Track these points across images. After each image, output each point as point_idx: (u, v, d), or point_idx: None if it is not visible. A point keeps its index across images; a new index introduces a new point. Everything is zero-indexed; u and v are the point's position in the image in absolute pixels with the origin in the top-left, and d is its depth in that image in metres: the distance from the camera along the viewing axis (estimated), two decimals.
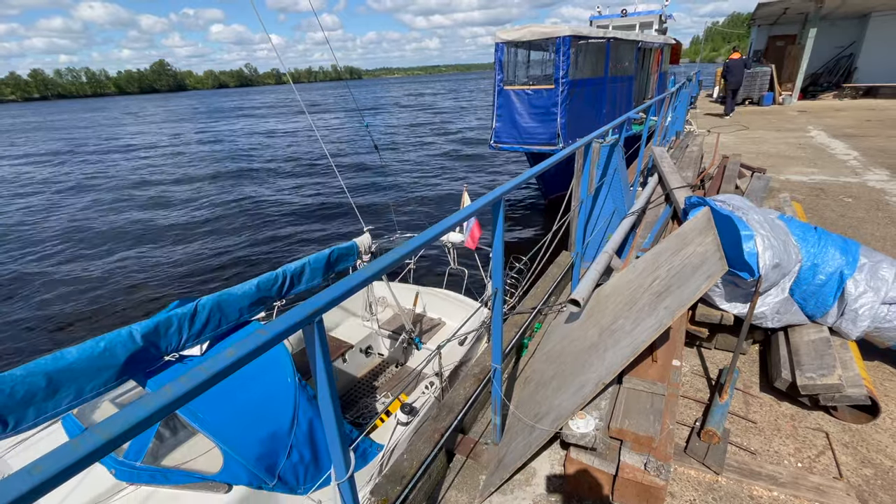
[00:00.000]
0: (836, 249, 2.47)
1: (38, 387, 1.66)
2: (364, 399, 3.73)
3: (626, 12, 15.92)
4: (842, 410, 2.17)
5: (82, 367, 1.77)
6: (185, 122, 43.49)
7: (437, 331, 4.19)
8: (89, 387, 1.80)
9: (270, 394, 2.32)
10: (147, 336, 2.01)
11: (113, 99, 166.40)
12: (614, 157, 3.93)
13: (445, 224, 1.29)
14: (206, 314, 2.25)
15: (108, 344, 1.88)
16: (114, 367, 1.88)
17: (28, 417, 1.65)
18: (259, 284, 2.53)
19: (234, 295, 2.40)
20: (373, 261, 0.99)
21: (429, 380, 3.25)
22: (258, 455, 2.16)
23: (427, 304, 4.45)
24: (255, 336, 0.78)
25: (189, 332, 2.19)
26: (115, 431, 0.56)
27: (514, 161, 16.48)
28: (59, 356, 1.75)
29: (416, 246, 1.14)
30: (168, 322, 2.11)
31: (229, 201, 13.70)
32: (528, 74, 9.45)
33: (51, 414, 1.71)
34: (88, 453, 0.54)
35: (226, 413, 2.18)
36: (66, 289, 8.25)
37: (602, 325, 2.44)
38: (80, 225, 12.00)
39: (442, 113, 37.17)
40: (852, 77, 16.31)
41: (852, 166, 6.83)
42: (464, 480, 2.03)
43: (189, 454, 2.49)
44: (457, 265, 4.22)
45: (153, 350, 2.05)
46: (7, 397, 1.59)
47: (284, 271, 2.69)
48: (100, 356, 1.83)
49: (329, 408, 1.00)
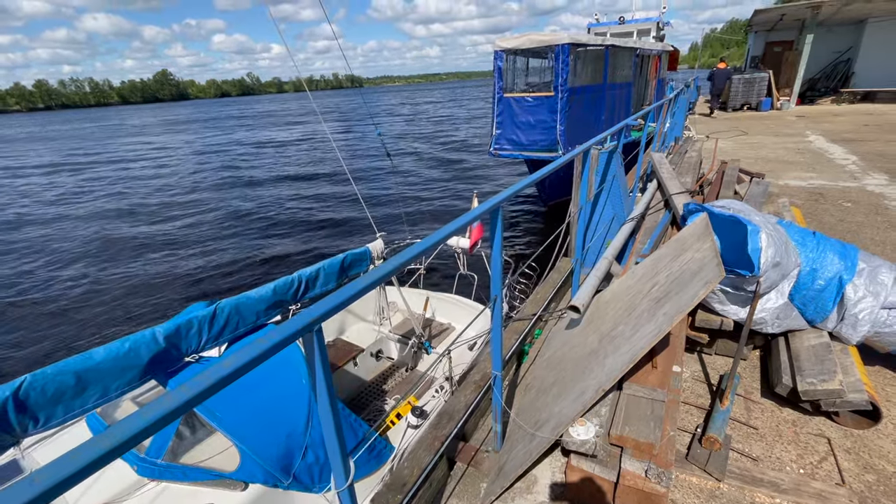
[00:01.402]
0: (834, 254, 2.48)
1: (68, 385, 1.73)
2: (375, 402, 3.78)
3: (624, 20, 16.06)
4: (843, 416, 2.17)
5: (109, 366, 1.85)
6: (200, 131, 43.79)
7: (447, 335, 4.23)
8: (115, 385, 1.88)
9: (286, 395, 2.37)
10: (169, 337, 2.09)
11: (117, 109, 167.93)
12: (613, 163, 3.95)
13: (445, 231, 1.30)
14: (225, 317, 2.34)
15: (133, 344, 1.95)
16: (138, 367, 1.95)
17: (57, 414, 1.71)
18: (275, 288, 2.61)
19: (251, 298, 2.48)
20: (369, 272, 1.01)
21: (439, 384, 3.29)
22: (274, 454, 2.23)
23: (437, 309, 4.50)
24: (256, 344, 0.79)
25: (208, 334, 2.27)
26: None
27: (516, 167, 16.55)
28: (87, 356, 1.82)
29: (413, 255, 1.15)
30: (189, 324, 2.19)
31: (242, 208, 13.96)
32: (527, 82, 9.51)
33: (79, 411, 1.78)
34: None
35: (243, 413, 2.26)
36: (98, 290, 8.55)
37: (602, 332, 2.44)
38: (103, 234, 12.26)
39: (447, 121, 37.42)
40: (850, 82, 16.39)
41: (851, 171, 6.85)
42: (464, 489, 2.03)
43: (207, 452, 2.56)
44: (466, 270, 4.26)
45: (174, 351, 2.13)
46: (39, 394, 1.65)
47: (300, 276, 2.77)
48: (125, 356, 1.91)
49: (329, 417, 1.00)
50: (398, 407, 2.38)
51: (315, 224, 11.90)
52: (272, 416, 2.31)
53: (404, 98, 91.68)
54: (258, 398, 2.33)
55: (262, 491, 2.23)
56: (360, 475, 2.47)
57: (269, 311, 2.58)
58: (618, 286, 2.92)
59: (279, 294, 2.62)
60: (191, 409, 0.67)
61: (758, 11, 14.12)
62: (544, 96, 8.64)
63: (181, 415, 0.66)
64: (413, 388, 3.21)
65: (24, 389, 1.62)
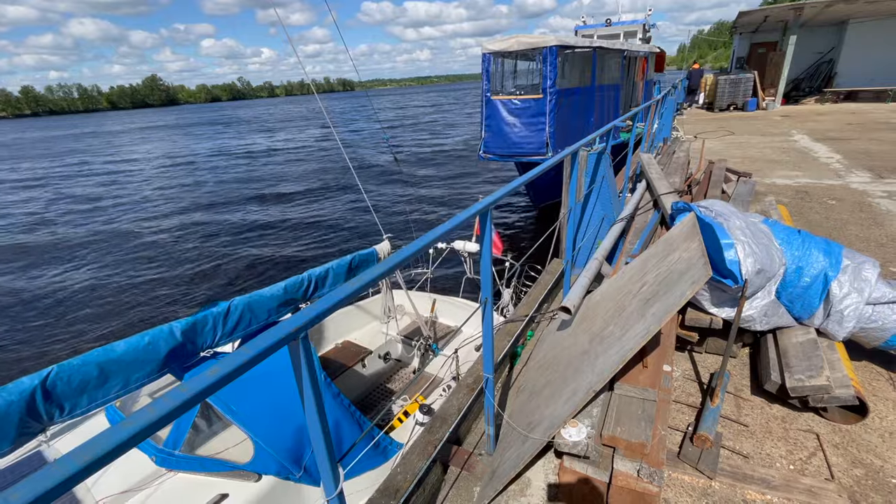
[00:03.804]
0: (819, 252, 2.51)
1: (91, 375, 1.83)
2: (382, 402, 3.86)
3: (611, 22, 16.22)
4: (831, 411, 2.19)
5: (129, 359, 1.94)
6: (204, 135, 43.50)
7: (454, 337, 4.30)
8: (134, 377, 1.97)
9: (298, 390, 2.46)
10: (185, 332, 2.18)
11: (107, 114, 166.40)
12: (602, 164, 3.98)
13: (431, 236, 1.30)
14: (238, 314, 2.44)
15: (152, 339, 2.04)
16: (156, 361, 2.04)
17: (81, 404, 1.81)
18: (286, 287, 2.71)
19: (263, 297, 2.58)
20: (346, 282, 1.01)
21: (446, 384, 3.34)
22: (286, 447, 2.34)
23: (444, 312, 4.57)
24: (239, 353, 0.78)
25: (223, 330, 2.37)
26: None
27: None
28: (109, 348, 1.91)
29: (397, 262, 1.14)
30: (204, 320, 2.28)
31: (250, 210, 14.24)
32: (515, 84, 9.56)
33: (101, 401, 1.87)
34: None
35: (258, 407, 2.37)
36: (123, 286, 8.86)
37: (593, 332, 2.45)
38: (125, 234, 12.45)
39: (441, 123, 37.52)
40: (833, 82, 16.70)
41: (835, 169, 6.97)
42: (458, 493, 2.02)
43: (222, 444, 2.66)
44: (473, 274, 4.31)
45: (190, 346, 2.21)
46: (65, 384, 1.75)
47: (309, 275, 2.86)
48: (144, 349, 2.00)
49: (317, 426, 0.99)
50: (406, 405, 2.43)
51: (323, 227, 12.13)
52: (285, 410, 2.41)
53: (401, 101, 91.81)
54: (271, 392, 2.43)
55: (274, 482, 2.33)
56: (368, 467, 2.58)
57: (280, 308, 2.67)
58: (608, 287, 2.94)
59: (290, 293, 2.72)
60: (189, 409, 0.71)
61: (742, 13, 14.34)
62: (533, 99, 8.67)
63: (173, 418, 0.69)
64: (421, 388, 3.28)
65: (51, 379, 1.72)
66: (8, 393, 1.63)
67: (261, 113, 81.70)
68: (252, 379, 2.39)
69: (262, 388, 2.43)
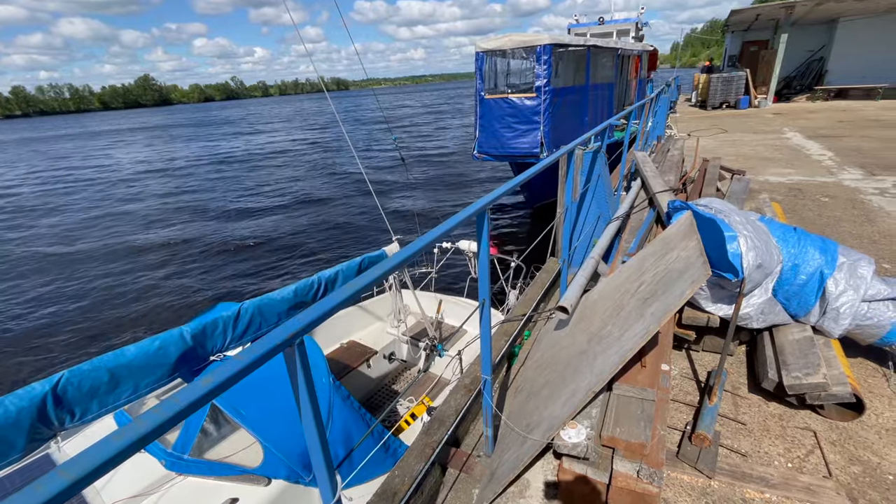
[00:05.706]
0: (815, 249, 2.52)
1: (102, 381, 1.81)
2: (388, 403, 3.88)
3: (604, 20, 16.26)
4: (828, 409, 2.20)
5: (140, 363, 1.92)
6: (209, 137, 43.12)
7: (459, 338, 4.30)
8: (144, 383, 1.95)
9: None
10: (196, 336, 2.17)
11: (99, 114, 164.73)
12: (597, 163, 3.97)
13: (429, 237, 1.28)
14: (249, 318, 2.43)
15: (163, 343, 2.03)
16: (167, 365, 2.03)
17: (92, 409, 1.79)
18: (296, 290, 2.70)
19: (273, 300, 2.56)
20: (341, 287, 0.99)
21: (452, 385, 3.33)
22: (295, 451, 2.32)
23: (449, 313, 4.59)
24: (233, 362, 0.76)
25: (233, 333, 2.36)
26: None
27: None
28: (119, 353, 1.89)
29: (395, 265, 1.12)
30: (214, 324, 2.27)
31: (259, 211, 14.26)
32: (508, 83, 9.53)
33: (111, 407, 1.85)
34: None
35: (267, 411, 2.36)
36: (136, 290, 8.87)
37: (591, 332, 2.44)
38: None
39: (442, 120, 37.51)
40: (824, 80, 16.85)
41: (828, 166, 7.02)
42: (457, 495, 2.00)
43: (232, 448, 2.65)
44: (477, 274, 4.31)
45: (200, 350, 2.20)
46: (76, 389, 1.73)
47: (319, 277, 2.85)
48: (154, 354, 1.98)
49: (314, 433, 0.97)
50: (413, 408, 2.41)
51: (334, 227, 12.23)
52: (294, 414, 2.35)
53: (398, 100, 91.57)
54: (279, 397, 2.41)
55: (284, 486, 2.32)
56: (377, 473, 2.54)
57: (290, 311, 2.66)
58: (605, 286, 2.93)
59: (300, 295, 2.71)
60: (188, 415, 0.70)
61: (734, 12, 14.43)
62: (527, 98, 8.65)
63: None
64: (426, 389, 3.27)
65: (62, 385, 1.70)
66: (19, 399, 1.60)
67: (261, 112, 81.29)
68: (260, 382, 2.37)
69: (271, 392, 2.41)
